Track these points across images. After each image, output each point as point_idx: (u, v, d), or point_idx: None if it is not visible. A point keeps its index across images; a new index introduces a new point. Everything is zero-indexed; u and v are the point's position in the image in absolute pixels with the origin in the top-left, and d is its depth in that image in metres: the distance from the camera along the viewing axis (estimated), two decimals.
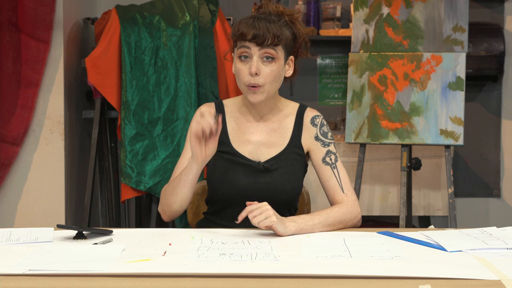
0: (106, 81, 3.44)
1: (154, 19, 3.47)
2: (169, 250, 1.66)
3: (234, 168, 2.09)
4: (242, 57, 2.04)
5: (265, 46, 2.01)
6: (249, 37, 2.00)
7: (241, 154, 2.10)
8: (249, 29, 2.01)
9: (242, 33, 2.01)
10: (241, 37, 2.02)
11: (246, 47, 2.02)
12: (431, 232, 1.86)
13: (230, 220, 2.10)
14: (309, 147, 2.13)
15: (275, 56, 2.03)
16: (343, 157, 3.75)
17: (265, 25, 2.01)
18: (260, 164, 2.08)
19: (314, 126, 2.14)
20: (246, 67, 2.03)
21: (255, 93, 2.04)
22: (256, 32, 2.00)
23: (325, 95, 4.26)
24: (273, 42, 2.01)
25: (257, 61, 2.02)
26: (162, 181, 3.40)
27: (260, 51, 2.02)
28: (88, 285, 1.39)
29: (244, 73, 2.03)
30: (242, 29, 2.01)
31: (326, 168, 2.10)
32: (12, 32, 3.42)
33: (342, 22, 4.10)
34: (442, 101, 3.37)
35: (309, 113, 2.17)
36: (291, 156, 2.10)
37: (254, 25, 2.01)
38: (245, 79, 2.03)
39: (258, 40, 2.00)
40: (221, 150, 2.11)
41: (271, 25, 2.02)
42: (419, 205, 3.75)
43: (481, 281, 1.39)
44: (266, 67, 2.03)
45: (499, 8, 4.17)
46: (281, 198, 2.08)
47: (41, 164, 3.53)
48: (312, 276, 1.42)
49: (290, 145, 2.12)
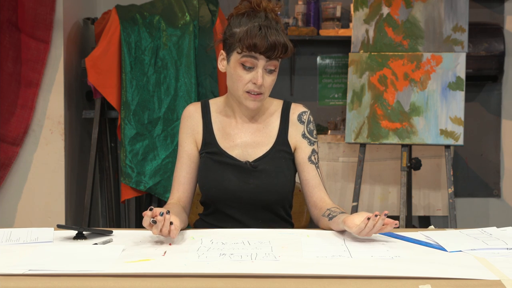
0: (106, 81, 3.44)
1: (154, 19, 3.47)
2: (169, 250, 1.66)
3: (223, 168, 2.08)
4: (246, 67, 2.00)
5: (273, 59, 1.99)
6: (261, 50, 1.97)
7: (229, 154, 2.10)
8: (263, 42, 1.96)
9: (255, 44, 1.96)
10: (252, 48, 1.97)
11: (254, 57, 1.98)
12: (431, 232, 1.86)
13: (223, 221, 2.10)
14: (296, 144, 2.12)
15: (276, 66, 2.02)
16: (343, 157, 3.75)
17: (275, 38, 1.97)
18: (247, 164, 2.07)
19: (301, 123, 2.13)
20: (249, 75, 2.00)
21: (255, 100, 2.02)
22: (268, 46, 1.96)
23: (325, 95, 4.26)
24: (280, 55, 1.99)
25: (261, 71, 2.00)
26: (162, 181, 3.40)
27: (266, 63, 2.00)
28: (88, 285, 1.39)
29: (245, 81, 2.01)
30: (256, 41, 1.96)
31: (311, 166, 2.09)
32: (12, 32, 3.42)
33: (342, 22, 4.11)
34: (442, 101, 3.37)
35: (295, 109, 2.15)
36: (278, 154, 2.10)
37: (267, 37, 1.96)
38: (247, 87, 2.01)
39: (269, 53, 1.97)
40: (208, 151, 2.11)
41: (280, 38, 1.98)
42: (419, 205, 3.76)
43: (481, 281, 1.39)
44: (268, 77, 2.01)
45: (499, 8, 4.17)
46: (272, 197, 2.08)
47: (41, 164, 3.53)
48: (312, 276, 1.42)
49: (276, 143, 2.11)
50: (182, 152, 2.14)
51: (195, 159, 2.13)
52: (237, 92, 2.04)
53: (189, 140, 2.14)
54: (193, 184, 2.14)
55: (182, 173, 2.12)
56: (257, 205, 2.08)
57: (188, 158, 2.13)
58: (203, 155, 2.12)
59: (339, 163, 3.76)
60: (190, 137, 2.14)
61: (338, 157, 3.76)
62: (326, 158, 3.74)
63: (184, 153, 2.13)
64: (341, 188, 3.76)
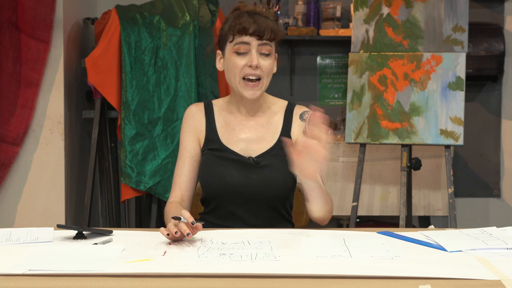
0: (106, 81, 3.44)
1: (154, 19, 3.47)
2: (169, 250, 1.66)
3: (225, 164, 2.09)
4: (240, 52, 2.05)
5: (264, 41, 2.04)
6: (250, 31, 2.02)
7: (232, 150, 2.11)
8: (251, 24, 2.03)
9: (244, 27, 2.03)
10: (242, 31, 2.03)
11: (245, 42, 2.04)
12: (431, 232, 1.86)
13: (224, 218, 2.10)
14: (297, 141, 2.14)
15: (270, 51, 2.07)
16: (343, 157, 3.75)
17: (264, 20, 2.04)
18: (250, 159, 2.08)
19: (302, 121, 2.16)
20: (244, 60, 2.05)
21: (253, 89, 2.05)
22: (257, 26, 2.02)
23: (325, 95, 4.26)
24: (271, 37, 2.04)
25: (255, 54, 2.04)
26: (162, 181, 3.40)
27: (259, 46, 2.03)
28: (88, 285, 1.39)
29: (240, 66, 2.04)
30: (244, 24, 2.03)
31: None
32: (12, 32, 3.42)
33: (342, 22, 4.10)
34: (442, 101, 3.37)
35: (298, 110, 2.18)
36: (282, 151, 2.10)
37: (255, 19, 2.04)
38: (243, 72, 2.04)
39: (259, 33, 2.02)
40: (211, 147, 2.12)
41: (268, 21, 2.05)
42: (419, 205, 3.75)
43: (481, 281, 1.39)
44: (263, 60, 2.06)
45: (499, 8, 4.17)
46: (274, 193, 2.08)
47: (41, 164, 3.53)
48: (312, 276, 1.42)
49: (280, 139, 2.12)
50: (184, 151, 2.14)
51: (197, 158, 2.14)
52: (234, 81, 2.07)
53: (191, 138, 2.14)
54: (194, 183, 2.14)
55: (184, 171, 2.12)
56: (259, 201, 2.08)
57: (190, 157, 2.13)
58: (205, 152, 2.12)
59: (339, 163, 3.76)
60: (192, 135, 2.15)
61: (338, 157, 3.76)
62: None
63: (186, 151, 2.14)
64: (341, 188, 3.76)
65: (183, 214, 1.73)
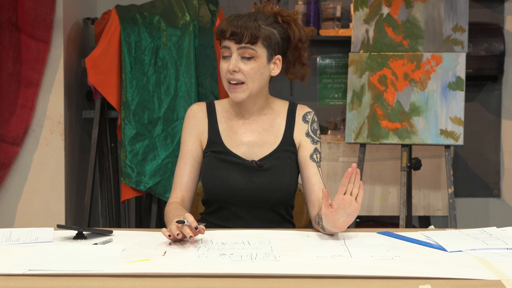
0: (106, 81, 3.44)
1: (154, 19, 3.47)
2: (169, 250, 1.66)
3: (228, 167, 2.09)
4: (225, 56, 2.06)
5: (243, 44, 2.02)
6: (227, 35, 2.03)
7: (235, 153, 2.10)
8: (228, 27, 2.03)
9: (221, 30, 2.04)
10: (221, 34, 2.04)
11: (226, 47, 2.04)
12: (431, 232, 1.86)
13: (226, 220, 2.10)
14: (300, 142, 2.14)
15: (253, 55, 2.04)
16: (343, 157, 3.75)
17: (244, 23, 2.02)
18: (253, 163, 2.08)
19: (305, 123, 2.15)
20: (226, 65, 2.05)
21: (236, 91, 2.05)
22: (234, 29, 2.02)
23: (325, 95, 4.26)
24: (250, 40, 2.02)
25: (236, 58, 2.03)
26: (162, 181, 3.40)
27: (239, 50, 2.03)
28: (88, 285, 1.39)
29: (225, 70, 2.05)
30: (222, 27, 2.04)
31: (312, 164, 2.10)
32: (12, 32, 3.42)
33: (342, 22, 4.10)
34: (442, 101, 3.37)
35: (300, 110, 2.17)
36: (284, 154, 2.10)
37: (233, 23, 2.03)
38: (227, 75, 2.05)
39: (236, 37, 2.02)
40: (214, 150, 2.11)
41: (250, 23, 2.03)
42: (419, 205, 3.75)
43: (481, 281, 1.39)
44: (245, 64, 2.04)
45: (499, 8, 4.17)
46: (277, 196, 2.08)
47: (41, 164, 3.53)
48: (312, 276, 1.42)
49: (282, 143, 2.12)
50: (185, 151, 2.13)
51: (198, 158, 2.14)
52: (224, 86, 2.09)
53: (193, 139, 2.14)
54: (195, 184, 2.14)
55: (185, 172, 2.12)
56: (261, 204, 2.08)
57: (192, 158, 2.13)
58: (208, 154, 2.12)
59: (339, 163, 3.76)
60: (194, 136, 2.14)
61: (338, 157, 3.76)
62: (326, 158, 3.74)
63: (188, 152, 2.13)
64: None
65: (186, 218, 1.73)
